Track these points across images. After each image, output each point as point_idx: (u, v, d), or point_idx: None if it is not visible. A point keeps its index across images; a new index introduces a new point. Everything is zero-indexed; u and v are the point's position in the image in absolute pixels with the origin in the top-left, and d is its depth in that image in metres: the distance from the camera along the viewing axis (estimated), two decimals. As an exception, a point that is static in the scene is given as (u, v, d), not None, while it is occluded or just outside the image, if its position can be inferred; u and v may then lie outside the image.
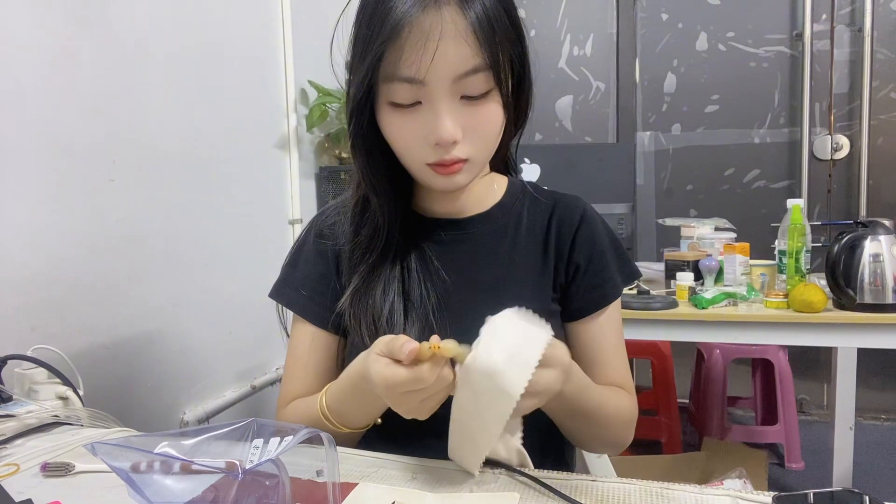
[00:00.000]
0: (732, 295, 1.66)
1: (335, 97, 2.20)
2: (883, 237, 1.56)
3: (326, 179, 2.33)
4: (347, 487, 0.62)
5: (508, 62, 0.70)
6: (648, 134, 3.11)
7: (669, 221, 2.20)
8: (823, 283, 1.64)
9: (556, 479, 0.64)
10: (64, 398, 0.96)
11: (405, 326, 0.77)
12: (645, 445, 2.49)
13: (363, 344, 0.76)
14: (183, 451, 0.51)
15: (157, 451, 0.50)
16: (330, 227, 0.85)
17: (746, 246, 1.81)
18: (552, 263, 0.82)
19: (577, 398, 0.69)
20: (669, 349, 2.57)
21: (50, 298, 1.28)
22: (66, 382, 0.99)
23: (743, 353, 2.55)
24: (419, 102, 0.68)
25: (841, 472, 2.12)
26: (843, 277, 1.56)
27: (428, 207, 0.84)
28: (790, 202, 1.71)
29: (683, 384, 2.83)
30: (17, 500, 0.61)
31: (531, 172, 2.19)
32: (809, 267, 1.70)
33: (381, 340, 0.62)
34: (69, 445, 0.76)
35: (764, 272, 1.77)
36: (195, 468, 0.50)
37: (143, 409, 1.53)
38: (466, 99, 0.68)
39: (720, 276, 1.81)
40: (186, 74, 1.67)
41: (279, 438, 0.52)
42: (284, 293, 0.85)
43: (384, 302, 0.77)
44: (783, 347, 2.51)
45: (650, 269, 2.11)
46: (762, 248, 2.05)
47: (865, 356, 2.26)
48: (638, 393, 0.88)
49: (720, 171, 3.03)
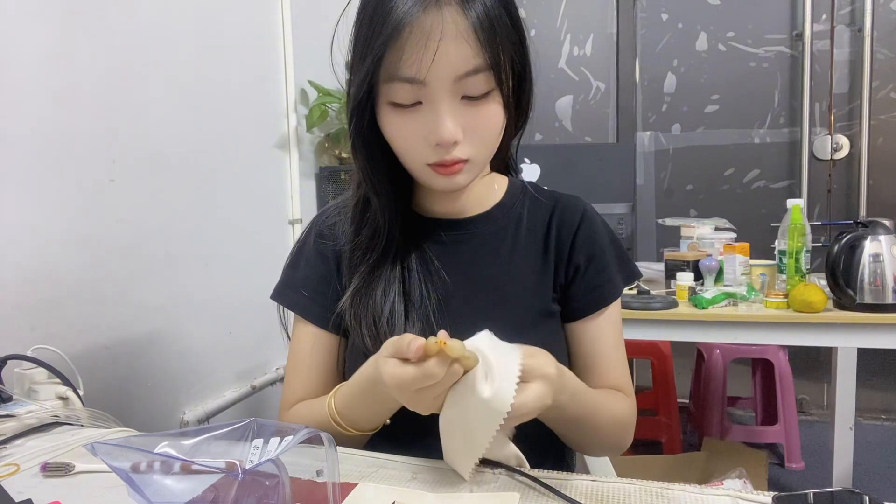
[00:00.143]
0: (732, 295, 1.66)
1: (335, 97, 2.20)
2: (883, 237, 1.56)
3: (326, 179, 2.33)
4: (347, 487, 0.62)
5: (509, 62, 0.70)
6: (648, 134, 3.10)
7: (669, 221, 2.20)
8: (823, 283, 1.64)
9: (556, 479, 0.64)
10: (64, 398, 0.96)
11: (406, 327, 0.77)
12: (645, 445, 2.49)
13: (363, 345, 0.76)
14: (183, 451, 0.51)
15: (157, 451, 0.50)
16: (330, 227, 0.85)
17: (746, 246, 1.81)
18: (552, 264, 0.82)
19: (571, 405, 0.68)
20: (669, 349, 2.57)
21: (50, 298, 1.29)
22: (66, 382, 0.99)
23: (743, 353, 2.55)
24: (420, 102, 0.68)
25: (841, 472, 2.12)
26: (843, 277, 1.56)
27: (428, 208, 0.84)
28: (790, 202, 1.71)
29: (683, 384, 2.83)
30: (17, 500, 0.61)
31: (531, 172, 2.19)
32: (809, 267, 1.70)
33: (387, 343, 0.62)
34: (69, 445, 0.76)
35: (764, 272, 1.77)
36: (195, 468, 0.50)
37: (143, 409, 1.53)
38: (467, 99, 0.68)
39: (720, 276, 1.81)
40: (186, 74, 1.67)
41: (279, 438, 0.52)
42: (286, 294, 0.85)
43: (384, 302, 0.77)
44: (783, 347, 2.51)
45: (650, 269, 2.11)
46: (762, 248, 2.05)
47: (865, 356, 2.26)
48: (638, 393, 0.88)
49: (720, 171, 3.03)
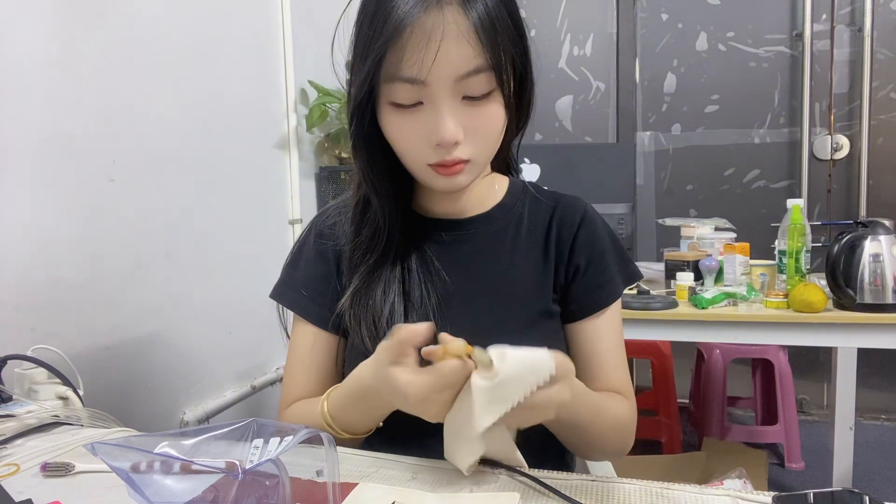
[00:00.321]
0: (732, 295, 1.66)
1: (335, 97, 2.20)
2: (883, 237, 1.56)
3: (326, 179, 2.33)
4: (347, 487, 0.62)
5: (510, 62, 0.69)
6: (648, 134, 3.10)
7: (669, 221, 2.20)
8: (823, 283, 1.64)
9: (556, 479, 0.64)
10: (64, 398, 0.96)
11: (405, 328, 0.77)
12: (645, 445, 2.49)
13: (363, 345, 0.76)
14: (183, 451, 0.51)
15: (157, 451, 0.50)
16: (330, 227, 0.85)
17: (746, 246, 1.81)
18: (553, 264, 0.82)
19: (574, 406, 0.67)
20: (669, 349, 2.57)
21: (50, 298, 1.28)
22: (66, 382, 0.99)
23: (743, 353, 2.55)
24: (421, 103, 0.68)
25: (841, 472, 2.12)
26: (843, 277, 1.56)
27: (429, 208, 0.84)
28: (790, 202, 1.71)
29: (683, 384, 2.83)
30: (17, 500, 0.61)
31: (531, 172, 2.19)
32: (809, 267, 1.70)
33: (386, 348, 0.61)
34: (69, 445, 0.76)
35: (764, 272, 1.77)
36: (195, 468, 0.50)
37: (143, 409, 1.53)
38: (468, 99, 0.68)
39: (720, 276, 1.81)
40: (186, 74, 1.67)
41: (279, 438, 0.52)
42: (285, 294, 0.85)
43: (384, 303, 0.77)
44: (783, 347, 2.51)
45: (650, 269, 2.11)
46: (762, 248, 2.05)
47: (865, 356, 2.26)
48: (638, 393, 0.88)
49: (720, 171, 3.03)
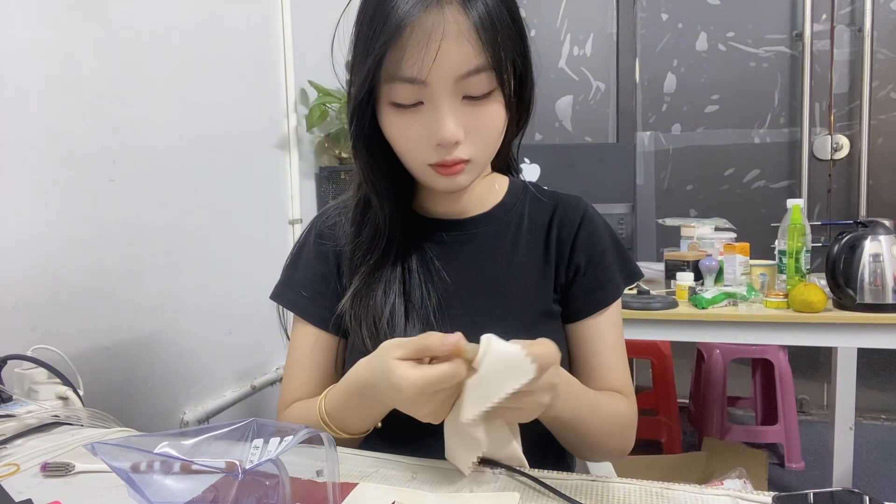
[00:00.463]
0: (732, 295, 1.66)
1: (335, 97, 2.20)
2: (883, 237, 1.56)
3: (326, 179, 2.32)
4: (347, 487, 0.62)
5: (511, 62, 0.69)
6: (648, 134, 3.10)
7: (669, 221, 2.20)
8: (823, 283, 1.64)
9: (556, 479, 0.64)
10: (64, 398, 0.96)
11: (406, 328, 0.76)
12: (645, 445, 2.49)
13: (363, 345, 0.75)
14: (183, 451, 0.51)
15: (157, 451, 0.50)
16: (331, 227, 0.85)
17: (746, 246, 1.80)
18: (553, 264, 0.82)
19: (567, 397, 0.67)
20: (669, 349, 2.57)
21: (50, 298, 1.28)
22: (66, 382, 0.99)
23: (743, 353, 2.55)
24: (421, 103, 0.68)
25: (841, 472, 2.12)
26: (843, 277, 1.56)
27: (429, 208, 0.84)
28: (790, 202, 1.71)
29: (683, 384, 2.83)
30: (17, 500, 0.61)
31: (531, 172, 2.19)
32: (809, 267, 1.69)
33: (394, 345, 0.61)
34: (69, 445, 0.76)
35: (764, 272, 1.77)
36: (195, 468, 0.50)
37: (143, 409, 1.53)
38: (468, 99, 0.68)
39: (720, 276, 1.81)
40: (186, 74, 1.67)
41: (279, 438, 0.52)
42: (285, 295, 0.85)
43: (385, 303, 0.77)
44: (783, 347, 2.51)
45: (650, 269, 2.11)
46: (762, 248, 2.05)
47: (865, 356, 2.26)
48: (638, 393, 0.88)
49: (720, 171, 3.03)
